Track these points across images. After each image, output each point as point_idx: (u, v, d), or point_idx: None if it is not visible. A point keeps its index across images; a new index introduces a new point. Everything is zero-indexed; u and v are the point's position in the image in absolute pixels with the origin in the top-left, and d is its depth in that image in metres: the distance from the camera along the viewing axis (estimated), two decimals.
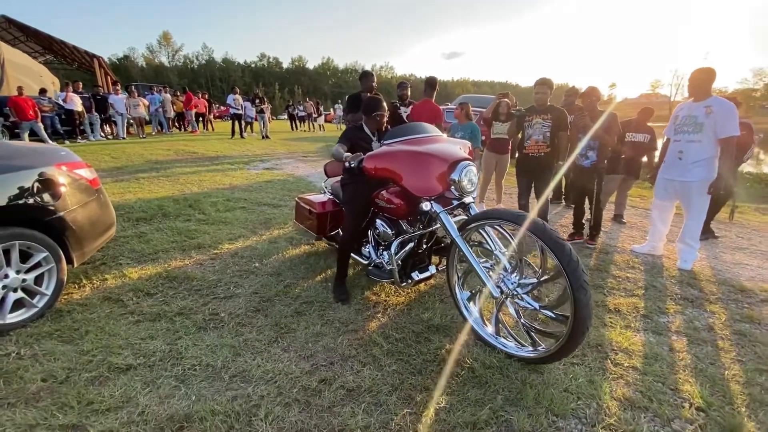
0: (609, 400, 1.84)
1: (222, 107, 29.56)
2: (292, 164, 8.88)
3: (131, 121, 12.56)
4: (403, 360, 2.10)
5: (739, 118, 4.22)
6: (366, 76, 4.52)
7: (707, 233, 4.42)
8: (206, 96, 17.06)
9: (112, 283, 2.81)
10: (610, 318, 2.61)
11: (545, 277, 1.99)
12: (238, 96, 13.39)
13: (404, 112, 4.92)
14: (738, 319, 2.66)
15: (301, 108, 22.26)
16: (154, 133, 13.51)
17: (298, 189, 6.19)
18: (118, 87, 12.66)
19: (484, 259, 2.32)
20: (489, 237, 2.24)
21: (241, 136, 13.46)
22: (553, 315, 1.95)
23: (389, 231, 2.57)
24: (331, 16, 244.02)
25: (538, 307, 2.00)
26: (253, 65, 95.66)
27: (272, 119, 29.45)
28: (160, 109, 13.64)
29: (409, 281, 2.51)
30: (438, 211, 2.23)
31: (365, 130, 2.80)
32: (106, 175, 6.42)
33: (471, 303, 2.35)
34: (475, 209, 2.29)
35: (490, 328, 2.23)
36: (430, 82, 4.88)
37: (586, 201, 4.14)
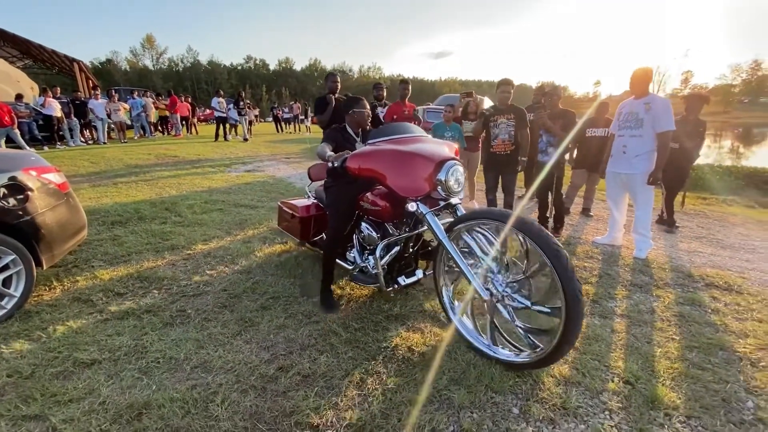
0: (545, 377, 1.99)
1: (207, 110, 29.45)
2: (273, 166, 8.95)
3: (112, 126, 12.46)
4: (360, 347, 2.22)
5: (699, 118, 4.48)
6: (329, 77, 4.64)
7: (670, 224, 4.63)
8: (189, 99, 16.96)
9: (82, 285, 2.88)
10: None
11: (531, 270, 1.95)
12: (222, 99, 13.40)
13: (380, 112, 5.06)
14: (681, 302, 2.84)
15: (286, 110, 22.28)
16: (136, 138, 13.43)
17: (277, 190, 6.28)
18: (98, 91, 12.54)
19: (471, 261, 2.18)
20: (477, 238, 2.15)
21: (225, 139, 13.46)
22: (547, 309, 1.87)
23: (374, 234, 2.52)
24: (318, 16, 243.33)
25: (530, 305, 1.93)
26: (239, 67, 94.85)
27: (260, 121, 29.50)
28: (143, 114, 13.56)
29: (395, 286, 2.44)
30: (424, 212, 2.15)
31: (348, 130, 2.76)
32: (83, 180, 6.43)
33: (462, 311, 2.27)
34: (462, 210, 2.22)
35: (485, 338, 2.14)
36: (402, 84, 5.05)
37: (549, 196, 4.32)
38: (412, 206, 2.19)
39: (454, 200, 2.22)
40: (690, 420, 1.73)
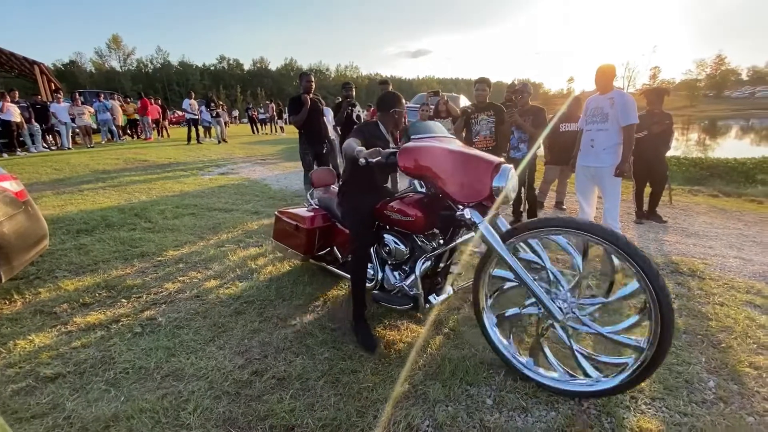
0: None
1: (178, 112, 28.66)
2: (248, 168, 8.80)
3: (77, 130, 11.96)
4: (336, 348, 2.21)
5: (663, 109, 4.66)
6: (303, 76, 4.59)
7: (654, 218, 4.78)
8: (159, 101, 16.46)
9: (45, 296, 2.76)
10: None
11: (616, 296, 1.75)
12: (194, 101, 13.07)
13: (353, 111, 5.04)
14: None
15: (262, 110, 21.91)
16: (103, 142, 12.93)
17: (252, 193, 6.17)
18: (60, 95, 12.00)
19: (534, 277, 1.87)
20: (536, 250, 1.95)
21: (198, 142, 13.14)
22: (629, 341, 1.70)
23: (403, 248, 2.24)
24: (292, 15, 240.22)
25: (605, 332, 1.75)
26: (212, 68, 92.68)
27: (238, 123, 28.80)
28: (110, 117, 13.07)
29: (428, 305, 2.15)
30: (478, 222, 1.86)
31: (381, 128, 2.44)
32: (46, 187, 6.15)
33: (500, 328, 2.06)
34: (503, 220, 2.05)
35: (524, 358, 1.96)
36: (382, 85, 5.05)
37: (523, 190, 4.41)
38: (466, 213, 1.88)
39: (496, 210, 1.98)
40: (654, 402, 1.81)
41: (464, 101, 9.77)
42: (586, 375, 1.79)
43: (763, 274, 3.12)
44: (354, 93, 5.06)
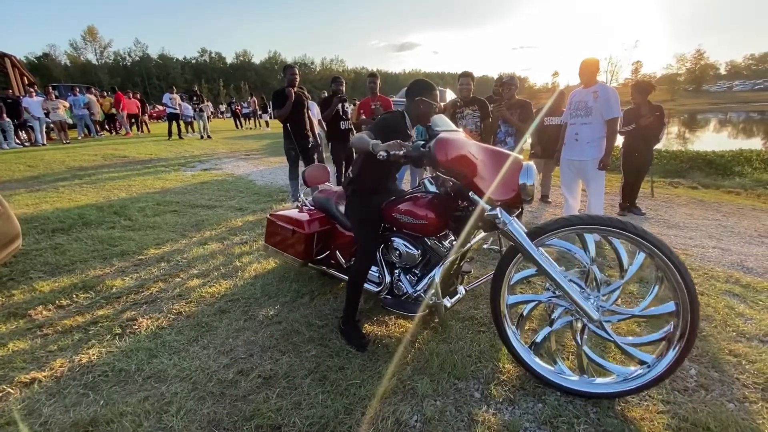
0: (506, 361, 2.04)
1: (159, 107, 27.95)
2: (232, 163, 8.64)
3: (51, 125, 11.54)
4: (323, 345, 2.19)
5: (652, 103, 4.71)
6: (288, 69, 4.50)
7: (634, 210, 4.86)
8: (138, 95, 15.99)
9: (19, 298, 2.66)
10: (519, 287, 2.85)
11: (649, 311, 1.73)
12: (175, 95, 12.73)
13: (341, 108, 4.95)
14: (630, 280, 3.00)
15: (246, 105, 21.54)
16: (80, 138, 12.51)
17: (236, 189, 6.06)
18: (33, 89, 11.54)
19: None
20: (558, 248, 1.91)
21: (179, 137, 12.83)
22: (660, 311, 1.69)
23: (414, 252, 2.11)
24: (275, 7, 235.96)
25: (637, 312, 1.75)
26: (193, 61, 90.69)
27: (225, 117, 28.08)
28: (86, 112, 12.64)
29: (443, 310, 2.06)
30: (507, 221, 1.76)
31: (406, 120, 2.20)
32: (19, 185, 5.92)
33: (539, 356, 1.94)
34: (522, 225, 1.91)
35: (575, 376, 1.83)
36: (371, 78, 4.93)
37: None
38: (498, 213, 1.77)
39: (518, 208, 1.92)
40: None
41: (450, 95, 9.76)
42: (642, 362, 1.73)
43: (741, 263, 3.21)
44: (344, 88, 4.95)
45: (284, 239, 2.70)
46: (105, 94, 14.79)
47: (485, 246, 2.63)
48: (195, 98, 13.29)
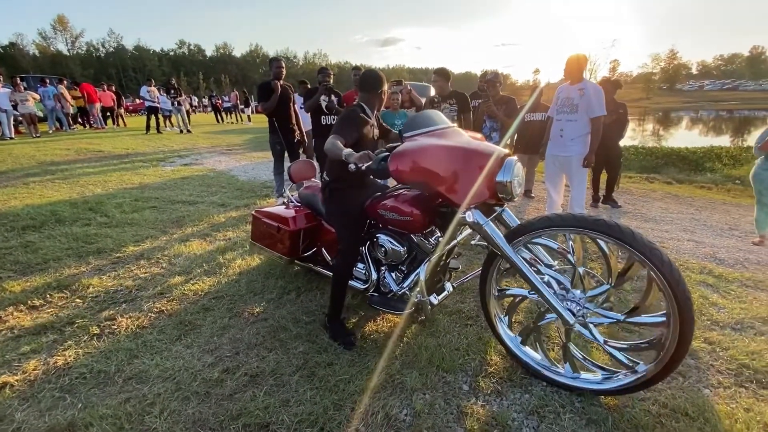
0: (493, 353, 2.07)
1: (137, 100, 27.06)
2: (213, 158, 8.44)
3: (20, 118, 11.01)
4: (311, 341, 2.16)
5: (617, 101, 4.82)
6: (274, 61, 4.40)
7: (611, 203, 4.99)
8: (113, 88, 15.42)
9: None
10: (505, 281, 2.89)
11: (617, 277, 1.67)
12: (153, 88, 12.32)
13: (324, 101, 4.85)
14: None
15: (227, 98, 21.07)
16: (51, 132, 11.98)
17: (218, 184, 5.93)
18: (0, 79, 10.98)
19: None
20: (537, 250, 1.87)
21: (158, 131, 12.45)
22: (650, 320, 1.61)
23: (400, 249, 2.08)
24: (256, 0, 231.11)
25: (622, 318, 1.67)
26: (171, 53, 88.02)
27: (207, 111, 27.27)
28: (57, 104, 12.12)
29: (429, 308, 2.04)
30: (482, 223, 1.74)
31: (366, 110, 2.19)
32: None
33: (527, 345, 1.96)
34: (513, 216, 1.93)
35: (562, 368, 1.83)
36: (355, 71, 4.86)
37: None
38: (468, 216, 1.75)
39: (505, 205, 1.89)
40: None
41: (433, 91, 9.77)
42: (627, 366, 1.67)
43: (713, 255, 3.33)
44: (331, 79, 4.82)
45: (270, 236, 2.66)
46: (75, 86, 14.18)
47: (473, 242, 2.65)
48: (173, 91, 12.90)
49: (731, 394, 1.76)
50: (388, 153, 1.84)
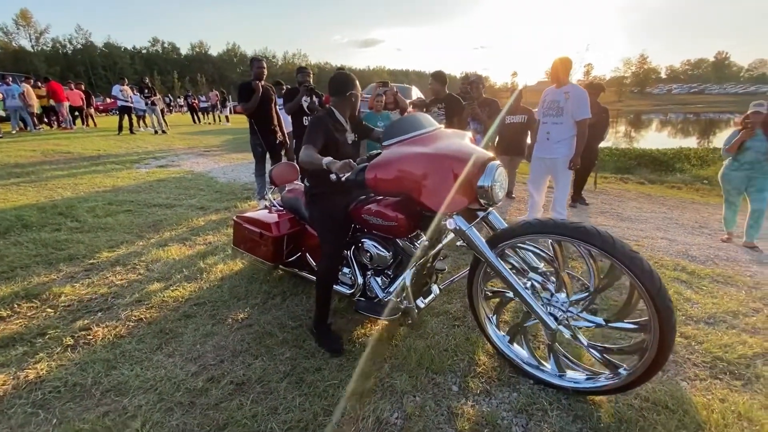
0: (481, 353, 2.08)
1: (107, 99, 26.11)
2: (191, 160, 8.22)
3: None
4: (297, 346, 2.13)
5: (599, 103, 4.97)
6: (255, 61, 4.32)
7: (579, 200, 5.15)
8: (82, 86, 14.79)
9: None
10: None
11: (600, 284, 1.66)
12: (126, 87, 11.88)
13: (305, 101, 4.79)
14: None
15: (204, 98, 20.56)
16: (14, 132, 11.40)
17: (197, 186, 5.77)
18: None
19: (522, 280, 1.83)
20: (524, 255, 1.87)
21: (131, 132, 12.03)
22: (630, 326, 1.63)
23: (386, 253, 2.05)
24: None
25: (603, 323, 1.68)
26: (144, 51, 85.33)
27: (184, 112, 26.42)
28: (20, 103, 11.52)
29: (416, 313, 2.03)
30: (465, 229, 1.75)
31: (337, 115, 2.17)
32: None
33: (515, 344, 1.99)
34: (500, 220, 1.91)
35: (549, 366, 1.86)
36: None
37: None
38: (450, 223, 1.75)
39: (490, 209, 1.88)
40: None
41: (416, 92, 9.83)
42: (611, 369, 1.69)
43: (686, 252, 3.48)
44: (311, 79, 4.76)
45: (252, 242, 2.60)
46: (39, 84, 13.52)
47: (458, 243, 2.67)
48: (146, 91, 12.48)
49: (707, 386, 1.83)
50: (367, 163, 1.81)
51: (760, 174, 3.53)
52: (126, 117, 11.99)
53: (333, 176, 1.78)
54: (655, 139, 19.58)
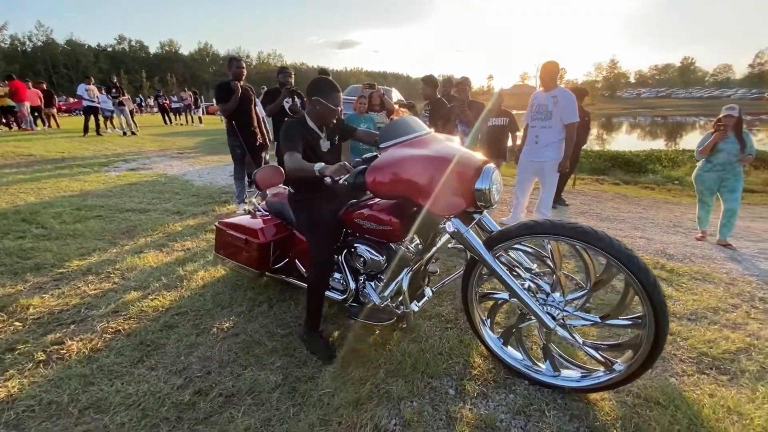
0: (475, 355, 2.08)
1: (71, 99, 24.96)
2: (164, 162, 7.92)
3: None
4: (288, 355, 2.06)
5: (582, 107, 5.10)
6: (233, 61, 4.19)
7: (559, 201, 5.27)
8: (43, 85, 14.02)
9: None
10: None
11: (596, 283, 1.67)
12: (92, 86, 11.32)
13: (287, 102, 4.67)
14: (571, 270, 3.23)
15: (175, 99, 19.90)
16: None
17: (171, 190, 5.55)
18: None
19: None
20: (518, 255, 1.89)
21: (98, 133, 11.49)
22: (626, 322, 1.67)
23: (380, 258, 2.00)
24: None
25: (599, 320, 1.71)
26: (109, 49, 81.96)
27: (152, 112, 25.43)
28: None
29: (412, 317, 2.03)
30: (463, 231, 1.74)
31: (310, 124, 2.12)
32: None
33: (508, 345, 1.99)
34: (493, 222, 1.91)
35: (544, 366, 1.87)
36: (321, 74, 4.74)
37: None
38: (449, 226, 1.75)
39: (485, 212, 1.87)
40: None
41: (396, 95, 9.84)
42: (605, 365, 1.71)
43: (663, 251, 3.61)
44: (292, 80, 4.64)
45: (237, 249, 2.50)
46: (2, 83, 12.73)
47: (449, 245, 2.67)
48: (114, 90, 11.95)
49: (695, 381, 1.89)
50: (365, 166, 1.78)
51: (732, 175, 3.71)
52: (92, 118, 11.44)
53: (328, 180, 1.74)
54: (627, 141, 20.44)
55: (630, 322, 1.66)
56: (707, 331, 2.29)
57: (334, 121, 2.16)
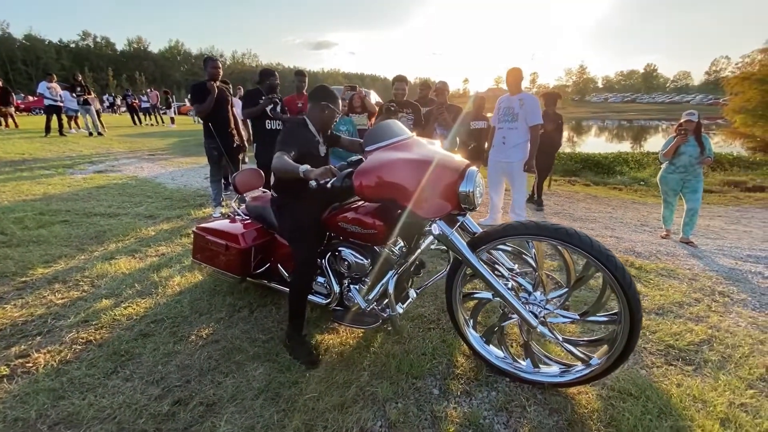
0: (458, 355, 2.11)
1: (30, 97, 23.69)
2: (134, 164, 7.63)
3: None
4: (271, 360, 2.03)
5: (555, 111, 5.28)
6: (209, 61, 4.08)
7: (537, 203, 5.41)
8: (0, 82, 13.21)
9: None
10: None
11: (575, 281, 1.75)
12: (54, 84, 10.76)
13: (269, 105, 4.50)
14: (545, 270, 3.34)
15: (144, 98, 19.20)
16: None
17: (143, 194, 5.36)
18: None
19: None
20: (500, 256, 1.93)
21: (61, 134, 10.94)
22: (603, 318, 1.74)
23: (364, 261, 1.99)
24: None
25: (579, 318, 1.79)
26: (72, 45, 78.24)
27: (120, 112, 24.32)
28: None
29: (398, 320, 2.02)
30: (448, 233, 1.77)
31: (310, 126, 2.13)
32: None
33: (490, 344, 2.03)
34: (475, 224, 1.94)
35: (524, 363, 1.92)
36: (298, 76, 4.61)
37: None
38: (434, 229, 1.77)
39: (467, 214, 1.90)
40: None
41: (375, 97, 9.87)
42: (583, 360, 1.78)
43: (632, 249, 3.78)
44: (278, 83, 4.37)
45: (216, 255, 2.44)
46: None
47: (432, 246, 2.70)
48: (79, 89, 11.41)
49: (663, 372, 1.99)
50: (352, 169, 1.78)
51: (693, 176, 3.93)
52: (54, 117, 10.88)
53: (312, 183, 1.72)
54: (595, 143, 21.25)
55: (607, 319, 1.73)
56: (673, 324, 2.41)
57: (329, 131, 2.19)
